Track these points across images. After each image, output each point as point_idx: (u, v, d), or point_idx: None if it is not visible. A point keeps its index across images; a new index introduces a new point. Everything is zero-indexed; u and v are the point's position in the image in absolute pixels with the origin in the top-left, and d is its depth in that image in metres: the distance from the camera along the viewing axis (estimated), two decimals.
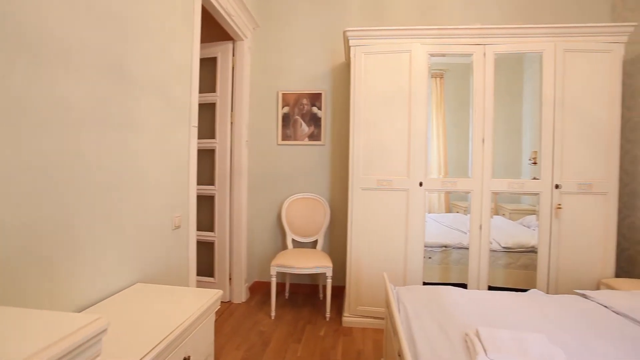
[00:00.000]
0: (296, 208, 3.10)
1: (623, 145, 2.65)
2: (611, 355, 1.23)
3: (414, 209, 2.45)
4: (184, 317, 1.18)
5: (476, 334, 1.28)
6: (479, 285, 2.42)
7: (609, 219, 2.37)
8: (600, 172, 2.37)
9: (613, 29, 2.35)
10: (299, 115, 3.21)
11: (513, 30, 2.40)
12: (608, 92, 2.38)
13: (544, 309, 1.59)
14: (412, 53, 2.46)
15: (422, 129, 2.45)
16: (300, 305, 2.94)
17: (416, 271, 2.45)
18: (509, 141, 2.82)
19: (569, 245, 2.38)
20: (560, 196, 2.38)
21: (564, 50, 2.39)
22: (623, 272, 2.70)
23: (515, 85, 2.78)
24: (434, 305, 1.63)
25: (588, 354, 1.23)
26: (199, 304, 1.28)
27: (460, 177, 2.50)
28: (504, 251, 2.55)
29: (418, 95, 2.45)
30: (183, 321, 1.15)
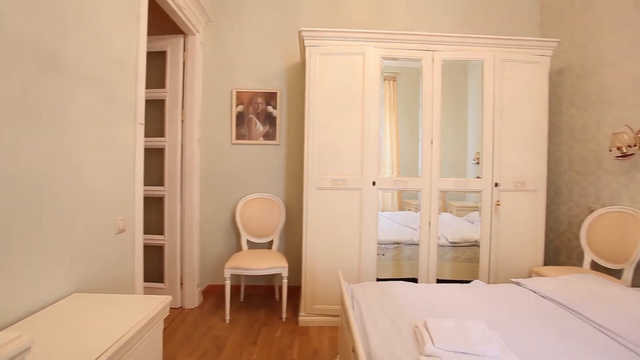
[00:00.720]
0: (251, 208, 3.04)
1: (550, 148, 2.94)
2: (538, 333, 1.36)
3: (367, 207, 2.52)
4: (126, 328, 1.09)
5: (424, 325, 1.35)
6: (428, 279, 2.56)
7: (538, 213, 2.63)
8: (532, 172, 2.62)
9: (541, 43, 2.61)
10: (254, 114, 3.15)
11: (458, 39, 2.57)
12: (538, 99, 2.63)
13: (485, 298, 1.72)
14: (365, 56, 2.53)
15: (375, 129, 2.52)
16: (255, 307, 2.89)
17: (370, 268, 2.53)
18: (455, 142, 3.01)
19: (506, 239, 2.61)
20: (499, 193, 2.59)
21: (502, 60, 2.60)
22: (550, 260, 3.01)
23: (461, 90, 2.97)
24: (386, 300, 1.68)
25: (519, 334, 1.35)
26: (144, 312, 1.21)
27: (411, 177, 2.62)
28: (451, 246, 2.72)
29: (371, 97, 2.52)
30: (124, 333, 1.06)
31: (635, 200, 2.31)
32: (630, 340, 1.29)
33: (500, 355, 1.17)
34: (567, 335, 1.37)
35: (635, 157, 2.31)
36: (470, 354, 1.19)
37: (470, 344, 1.21)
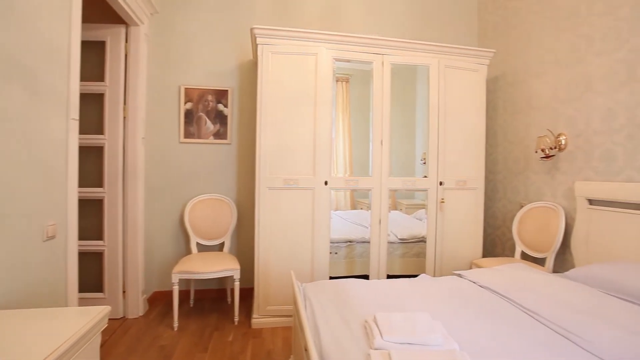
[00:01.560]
0: (201, 210, 2.92)
1: (487, 149, 3.20)
2: (476, 320, 1.47)
3: (319, 207, 2.55)
4: (50, 348, 0.94)
5: (374, 319, 1.39)
6: (379, 275, 2.65)
7: (478, 210, 2.85)
8: (472, 171, 2.83)
9: (479, 52, 2.82)
10: (204, 112, 3.04)
11: (406, 45, 2.69)
12: (477, 104, 2.85)
13: (430, 290, 1.82)
14: (318, 56, 2.55)
15: (327, 129, 2.56)
16: (206, 312, 2.78)
17: (323, 267, 2.56)
18: (405, 143, 3.15)
19: (450, 234, 2.79)
20: (443, 192, 2.76)
21: (445, 66, 2.77)
22: (488, 252, 3.27)
23: (410, 94, 3.12)
24: (338, 298, 1.71)
25: (460, 322, 1.45)
26: (76, 327, 1.09)
27: (363, 176, 2.69)
28: (401, 242, 2.84)
29: (323, 97, 2.55)
30: (49, 354, 0.91)
31: (556, 195, 2.60)
32: (552, 320, 1.44)
33: (442, 343, 1.24)
34: (500, 320, 1.49)
35: (555, 158, 2.59)
36: (416, 344, 1.25)
37: (415, 334, 1.27)
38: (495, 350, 1.24)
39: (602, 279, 1.79)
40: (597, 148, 2.30)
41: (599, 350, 1.22)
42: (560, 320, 1.43)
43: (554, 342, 1.30)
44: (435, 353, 1.17)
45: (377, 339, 1.26)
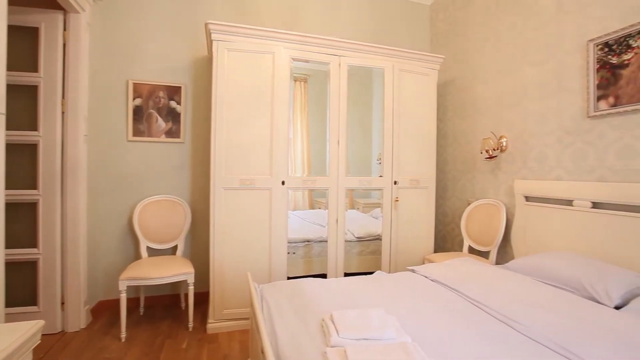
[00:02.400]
0: (151, 212, 2.77)
1: (438, 150, 3.38)
2: (427, 313, 1.54)
3: (277, 207, 2.53)
4: None
5: (330, 318, 1.41)
6: (336, 273, 2.68)
7: (429, 207, 2.99)
8: (424, 171, 2.97)
9: (430, 58, 2.97)
10: (155, 109, 2.88)
11: (363, 47, 2.75)
12: (428, 107, 2.99)
13: (385, 286, 1.88)
14: (275, 55, 2.53)
15: (284, 129, 2.54)
16: (158, 319, 2.64)
17: (281, 267, 2.54)
18: (362, 143, 3.23)
19: (404, 231, 2.90)
20: (398, 190, 2.87)
21: (399, 69, 2.88)
22: (439, 247, 3.45)
23: (367, 95, 3.20)
24: (296, 298, 1.71)
25: (412, 316, 1.51)
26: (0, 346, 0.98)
27: (320, 176, 2.71)
28: (357, 240, 2.90)
29: (280, 97, 2.53)
30: None
31: (498, 193, 2.81)
32: (494, 309, 1.55)
33: (395, 337, 1.29)
34: (450, 311, 1.58)
35: (497, 159, 2.80)
36: (371, 339, 1.28)
37: (370, 330, 1.31)
38: (444, 340, 1.31)
39: (536, 269, 1.96)
40: (532, 150, 2.52)
41: (534, 334, 1.34)
42: (501, 308, 1.54)
43: (496, 329, 1.41)
44: (388, 346, 1.21)
45: (334, 337, 1.28)
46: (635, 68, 1.92)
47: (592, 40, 2.12)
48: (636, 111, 1.92)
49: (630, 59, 1.95)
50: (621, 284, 1.63)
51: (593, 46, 2.12)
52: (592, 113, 2.13)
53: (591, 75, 2.13)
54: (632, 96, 1.94)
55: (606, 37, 2.05)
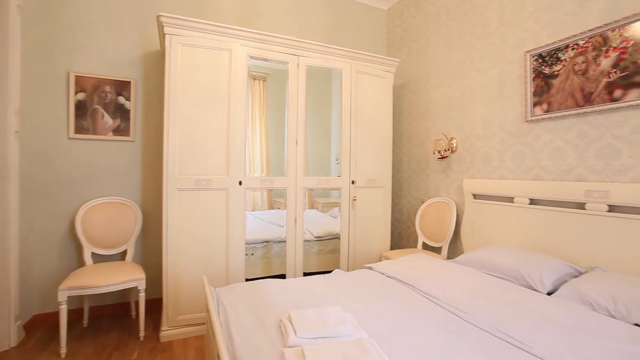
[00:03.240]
0: (97, 215, 2.57)
1: (394, 150, 3.51)
2: (383, 308, 1.59)
3: (234, 207, 2.47)
4: None
5: (288, 318, 1.40)
6: (295, 273, 2.68)
7: (386, 206, 3.09)
8: (381, 170, 3.06)
9: (386, 61, 3.06)
10: (101, 105, 2.68)
11: (322, 48, 2.77)
12: (384, 108, 3.08)
13: (343, 284, 1.91)
14: (232, 52, 2.47)
15: (241, 128, 2.49)
16: (105, 330, 2.46)
17: (238, 269, 2.49)
18: (321, 143, 3.25)
19: (362, 229, 2.97)
20: (355, 190, 2.93)
21: (357, 71, 2.94)
22: (395, 245, 3.58)
23: (326, 95, 3.23)
24: (253, 300, 1.68)
25: (369, 312, 1.55)
26: None
27: (278, 176, 2.69)
28: (316, 240, 2.92)
29: (238, 95, 2.48)
30: None
31: (449, 191, 2.97)
32: (445, 301, 1.64)
33: (352, 333, 1.31)
34: (405, 306, 1.64)
35: (449, 159, 2.96)
36: (328, 337, 1.30)
37: (328, 328, 1.32)
38: (398, 334, 1.36)
39: (482, 261, 2.10)
40: (479, 151, 2.70)
41: (479, 322, 1.44)
42: (452, 300, 1.63)
43: (446, 320, 1.49)
44: (345, 343, 1.23)
45: (292, 337, 1.27)
46: (564, 78, 2.13)
47: (528, 52, 2.32)
48: (564, 117, 2.13)
49: (559, 70, 2.16)
50: (553, 272, 1.81)
51: (529, 57, 2.32)
52: (529, 118, 2.33)
53: (528, 83, 2.33)
54: (561, 103, 2.15)
55: (540, 49, 2.26)
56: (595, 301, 1.53)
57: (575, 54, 2.08)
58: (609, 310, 1.48)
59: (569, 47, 2.10)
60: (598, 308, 1.52)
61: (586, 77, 2.02)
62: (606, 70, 1.93)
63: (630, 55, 1.83)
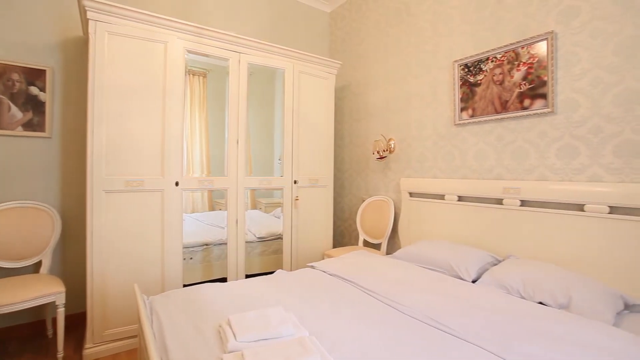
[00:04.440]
0: (2, 223, 2.24)
1: (336, 150, 3.59)
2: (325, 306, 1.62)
3: (170, 210, 2.32)
4: None
5: (227, 322, 1.36)
6: (237, 276, 2.61)
7: (328, 205, 3.15)
8: (323, 170, 3.11)
9: (328, 62, 3.12)
10: (7, 96, 2.34)
11: (264, 46, 2.73)
12: (327, 109, 3.14)
13: (285, 285, 1.91)
14: (168, 45, 2.32)
15: (178, 126, 2.35)
16: (14, 354, 2.15)
17: (175, 275, 2.34)
18: (265, 143, 3.21)
19: (304, 229, 2.99)
20: (297, 190, 2.94)
21: (300, 71, 2.95)
22: (338, 243, 3.67)
23: (269, 94, 3.19)
24: (191, 306, 1.60)
25: (311, 310, 1.57)
26: None
27: (218, 176, 2.60)
28: (259, 241, 2.88)
29: (174, 91, 2.33)
30: None
31: (388, 190, 3.13)
32: (383, 295, 1.72)
33: (294, 333, 1.32)
34: (345, 302, 1.68)
35: (387, 159, 3.11)
36: (270, 338, 1.28)
37: (269, 329, 1.31)
38: (339, 330, 1.39)
39: (417, 256, 2.25)
40: (415, 151, 2.88)
41: (414, 313, 1.53)
42: (389, 294, 1.72)
43: (384, 313, 1.56)
44: (286, 342, 1.23)
45: (231, 342, 1.24)
46: (485, 87, 2.36)
47: (456, 61, 2.53)
48: (486, 122, 2.36)
49: (481, 80, 2.39)
50: (476, 262, 2.00)
51: (457, 66, 2.53)
52: (457, 121, 2.54)
53: (456, 90, 2.54)
54: (483, 109, 2.38)
55: (466, 60, 2.48)
56: (509, 285, 1.73)
57: (494, 65, 2.31)
58: (519, 292, 1.68)
59: (489, 59, 2.34)
60: (512, 291, 1.71)
61: (503, 87, 2.26)
62: (518, 82, 2.18)
63: (535, 70, 2.09)
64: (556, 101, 2.01)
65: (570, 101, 1.96)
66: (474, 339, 1.29)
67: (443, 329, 1.39)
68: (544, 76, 2.04)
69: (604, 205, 1.77)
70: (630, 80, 1.74)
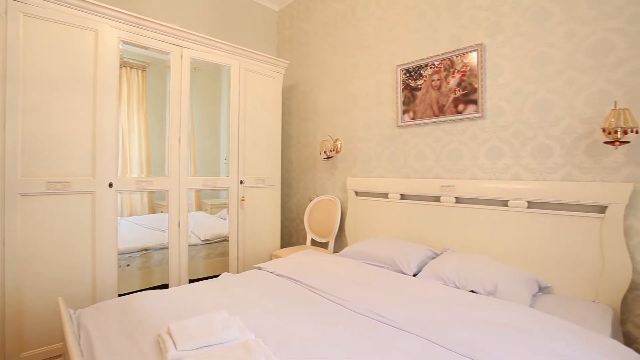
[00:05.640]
0: None
1: (283, 150, 3.58)
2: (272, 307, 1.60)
3: (103, 213, 2.12)
4: None
5: (167, 331, 1.28)
6: (180, 281, 2.47)
7: (275, 205, 3.13)
8: (270, 170, 3.08)
9: (276, 61, 3.09)
10: None
11: (209, 42, 2.61)
12: (274, 108, 3.11)
13: (230, 288, 1.85)
14: (99, 34, 2.12)
15: (112, 122, 2.16)
16: None
17: (109, 284, 2.15)
18: (211, 142, 3.08)
19: (251, 230, 2.93)
20: (244, 190, 2.87)
21: (246, 69, 2.88)
22: (286, 243, 3.66)
23: (216, 92, 3.06)
24: (128, 316, 1.48)
25: (258, 312, 1.54)
26: None
27: (158, 176, 2.45)
28: (204, 243, 2.76)
29: (107, 84, 2.14)
30: None
31: (335, 189, 3.19)
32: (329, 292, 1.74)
33: (239, 336, 1.28)
34: (293, 302, 1.68)
35: (334, 159, 3.17)
36: (213, 344, 1.23)
37: (212, 335, 1.26)
38: (285, 330, 1.38)
39: (362, 253, 2.32)
40: (360, 152, 2.97)
41: (358, 308, 1.57)
42: (335, 291, 1.75)
43: (330, 311, 1.58)
44: (230, 347, 1.19)
45: (171, 351, 1.17)
46: (425, 91, 2.52)
47: (399, 66, 2.66)
48: (426, 124, 2.51)
49: (421, 84, 2.54)
50: (417, 256, 2.12)
51: (400, 70, 2.66)
52: (399, 123, 2.67)
53: (399, 93, 2.67)
54: (423, 112, 2.53)
55: (407, 65, 2.61)
56: (446, 277, 1.86)
57: (432, 71, 2.47)
58: (455, 282, 1.82)
59: (428, 65, 2.49)
60: (448, 282, 1.84)
61: (440, 92, 2.43)
62: (453, 88, 2.35)
63: (468, 77, 2.27)
64: (485, 107, 2.21)
65: (497, 107, 2.16)
66: (414, 329, 1.36)
67: (387, 322, 1.45)
68: (475, 84, 2.23)
69: (524, 201, 1.98)
70: (542, 92, 1.98)
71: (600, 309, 1.61)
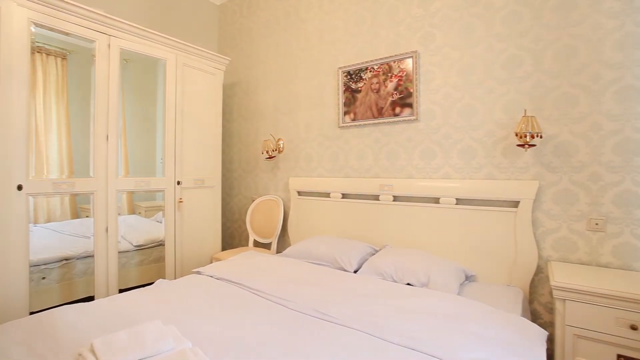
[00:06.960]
0: None
1: (224, 149, 3.47)
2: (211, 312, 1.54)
3: (10, 220, 1.85)
4: None
5: (90, 349, 1.16)
6: (108, 291, 2.26)
7: (216, 206, 3.01)
8: (210, 170, 2.96)
9: (216, 57, 2.98)
10: None
11: (141, 32, 2.42)
12: (214, 106, 2.99)
13: (166, 295, 1.74)
14: (2, 13, 1.84)
15: (20, 116, 1.89)
16: None
17: (17, 302, 1.87)
18: (146, 140, 2.85)
19: (190, 232, 2.79)
20: (181, 191, 2.72)
21: (183, 64, 2.72)
22: (228, 245, 3.55)
23: (151, 87, 2.84)
24: (40, 336, 1.31)
25: (197, 318, 1.47)
26: None
27: (81, 177, 2.21)
28: (137, 249, 2.55)
29: (13, 72, 1.87)
30: None
31: (277, 189, 3.17)
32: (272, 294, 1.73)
33: (174, 346, 1.21)
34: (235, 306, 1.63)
35: (276, 159, 3.15)
36: (146, 357, 1.15)
37: (145, 347, 1.17)
38: (225, 335, 1.34)
39: (305, 252, 2.35)
40: (302, 151, 2.99)
41: (300, 307, 1.58)
42: (277, 292, 1.74)
43: (272, 312, 1.57)
44: (165, 358, 1.12)
45: None
46: (365, 94, 2.61)
47: (340, 68, 2.72)
48: (365, 125, 2.61)
49: (362, 87, 2.63)
50: (357, 254, 2.19)
51: (341, 73, 2.73)
52: (341, 124, 2.74)
53: (340, 94, 2.74)
54: (362, 114, 2.63)
55: (348, 67, 2.69)
56: (384, 272, 1.95)
57: (372, 75, 2.57)
58: (392, 277, 1.92)
59: (368, 69, 2.59)
60: (386, 276, 1.94)
61: (379, 95, 2.54)
62: (391, 91, 2.48)
63: (404, 82, 2.41)
64: (419, 110, 2.36)
65: (429, 111, 2.33)
66: (355, 324, 1.41)
67: (328, 319, 1.48)
68: (410, 88, 2.38)
69: (453, 198, 2.16)
70: (468, 98, 2.17)
71: (513, 291, 1.82)
